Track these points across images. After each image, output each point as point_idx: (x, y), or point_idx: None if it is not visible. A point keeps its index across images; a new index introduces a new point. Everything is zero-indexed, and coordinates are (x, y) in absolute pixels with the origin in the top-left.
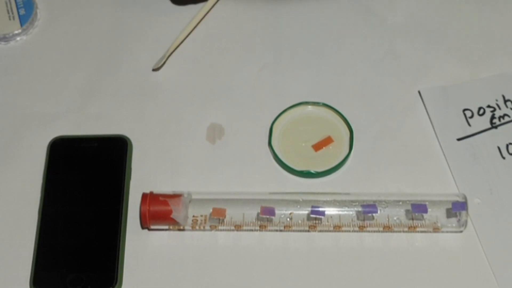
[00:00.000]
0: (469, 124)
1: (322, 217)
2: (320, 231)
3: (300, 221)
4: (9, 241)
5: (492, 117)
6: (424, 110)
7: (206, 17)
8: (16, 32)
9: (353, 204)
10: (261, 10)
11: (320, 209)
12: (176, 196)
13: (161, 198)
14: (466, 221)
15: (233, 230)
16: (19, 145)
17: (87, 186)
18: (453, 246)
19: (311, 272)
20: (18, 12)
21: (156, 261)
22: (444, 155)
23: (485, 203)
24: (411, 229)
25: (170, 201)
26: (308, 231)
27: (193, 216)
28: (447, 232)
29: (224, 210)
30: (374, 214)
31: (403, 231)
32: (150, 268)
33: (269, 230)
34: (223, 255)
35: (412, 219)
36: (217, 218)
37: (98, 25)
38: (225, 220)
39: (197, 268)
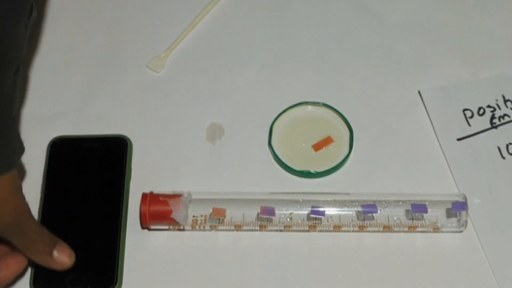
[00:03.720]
0: (469, 124)
1: (322, 217)
2: (320, 231)
3: (300, 221)
4: None
5: (492, 117)
6: (424, 110)
7: (206, 17)
8: None
9: (353, 204)
10: (261, 10)
11: (320, 209)
12: (176, 196)
13: (161, 198)
14: (466, 221)
15: (233, 230)
16: None
17: (87, 186)
18: (453, 246)
19: (311, 272)
20: None
21: (156, 261)
22: (444, 155)
23: (485, 203)
24: (411, 229)
25: (170, 201)
26: (308, 231)
27: (193, 216)
28: (447, 232)
29: (224, 210)
30: (374, 214)
31: (403, 231)
32: (150, 268)
33: (269, 230)
34: (223, 255)
35: (412, 219)
36: (217, 218)
37: (98, 25)
38: (225, 220)
39: (197, 268)
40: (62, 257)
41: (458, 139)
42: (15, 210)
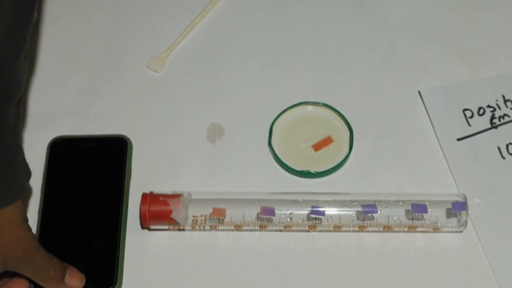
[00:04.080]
0: (469, 124)
1: (322, 217)
2: (320, 231)
3: (300, 221)
4: None
5: (492, 117)
6: (424, 110)
7: (206, 17)
8: None
9: (353, 204)
10: (261, 10)
11: (320, 209)
12: (176, 196)
13: (161, 198)
14: (466, 221)
15: (233, 230)
16: None
17: (87, 186)
18: (453, 246)
19: (311, 272)
20: None
21: (156, 261)
22: (444, 155)
23: (485, 203)
24: (411, 229)
25: (170, 201)
26: (308, 231)
27: (193, 216)
28: (447, 232)
29: (224, 210)
30: (374, 214)
31: (403, 231)
32: (150, 268)
33: (269, 230)
34: (223, 255)
35: (412, 219)
36: (217, 218)
37: (98, 25)
38: (225, 220)
39: (197, 268)
40: (74, 281)
41: (458, 139)
42: (23, 242)
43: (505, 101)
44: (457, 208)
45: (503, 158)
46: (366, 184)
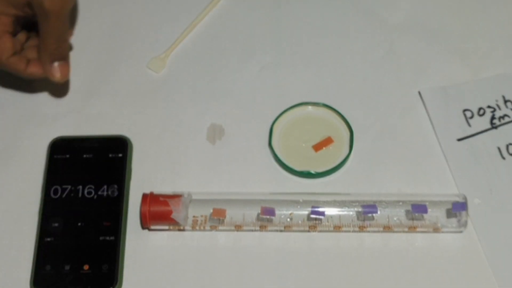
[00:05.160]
0: (469, 125)
1: (322, 217)
2: (320, 231)
3: (300, 222)
4: (9, 241)
5: (492, 118)
6: (424, 110)
7: (207, 17)
8: None
9: (353, 204)
10: (261, 10)
11: (320, 209)
12: (176, 196)
13: (161, 199)
14: (466, 222)
15: (233, 230)
16: (19, 145)
17: (87, 186)
18: (453, 246)
19: (311, 272)
20: None
21: (156, 261)
22: (444, 155)
23: (485, 203)
24: (411, 229)
25: (170, 202)
26: (308, 231)
27: (193, 216)
28: (447, 232)
29: (224, 211)
30: (374, 215)
31: (403, 232)
32: (150, 268)
33: (269, 231)
34: (223, 256)
35: (412, 220)
36: (217, 218)
37: (98, 25)
38: (225, 221)
39: (197, 268)
40: (56, 70)
41: (458, 139)
42: None
43: (505, 101)
44: (457, 208)
45: (503, 158)
46: (366, 184)
